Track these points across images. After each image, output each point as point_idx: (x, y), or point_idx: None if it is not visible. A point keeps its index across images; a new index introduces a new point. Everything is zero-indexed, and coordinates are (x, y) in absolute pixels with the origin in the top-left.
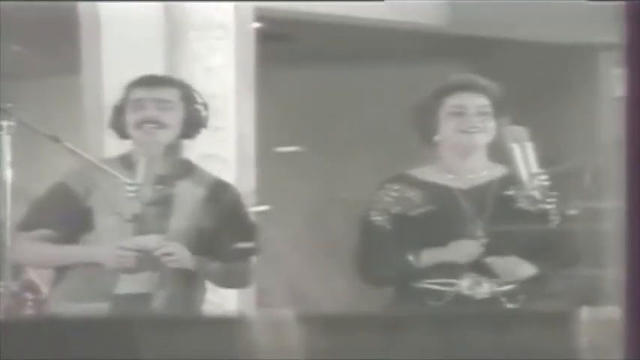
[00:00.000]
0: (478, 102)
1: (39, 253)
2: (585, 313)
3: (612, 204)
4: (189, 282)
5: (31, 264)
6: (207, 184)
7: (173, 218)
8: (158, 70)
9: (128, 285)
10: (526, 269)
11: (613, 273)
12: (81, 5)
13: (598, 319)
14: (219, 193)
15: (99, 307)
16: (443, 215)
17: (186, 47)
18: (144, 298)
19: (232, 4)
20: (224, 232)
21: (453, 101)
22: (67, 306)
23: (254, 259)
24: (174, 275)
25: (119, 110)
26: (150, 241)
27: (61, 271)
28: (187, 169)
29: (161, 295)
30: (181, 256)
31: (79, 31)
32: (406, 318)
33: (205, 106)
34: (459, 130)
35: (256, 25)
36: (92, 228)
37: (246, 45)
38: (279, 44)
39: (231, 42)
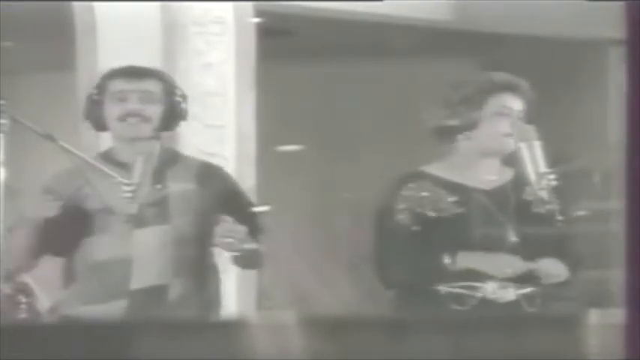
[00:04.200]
0: (519, 105)
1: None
2: (594, 315)
3: (622, 205)
4: (202, 269)
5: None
6: (196, 169)
7: (171, 214)
8: (156, 66)
9: (142, 279)
10: (564, 271)
11: (622, 275)
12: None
13: (607, 322)
14: (211, 176)
15: (116, 306)
16: (473, 217)
17: (185, 43)
18: (160, 290)
19: None
20: (223, 212)
21: (499, 102)
22: (81, 309)
23: (259, 238)
24: (186, 264)
25: (95, 101)
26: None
27: (69, 273)
28: (174, 159)
29: (177, 284)
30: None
31: (75, 26)
32: (412, 321)
33: (184, 97)
34: (502, 133)
35: (256, 20)
36: (90, 232)
37: (247, 40)
38: (280, 40)
39: (231, 37)
